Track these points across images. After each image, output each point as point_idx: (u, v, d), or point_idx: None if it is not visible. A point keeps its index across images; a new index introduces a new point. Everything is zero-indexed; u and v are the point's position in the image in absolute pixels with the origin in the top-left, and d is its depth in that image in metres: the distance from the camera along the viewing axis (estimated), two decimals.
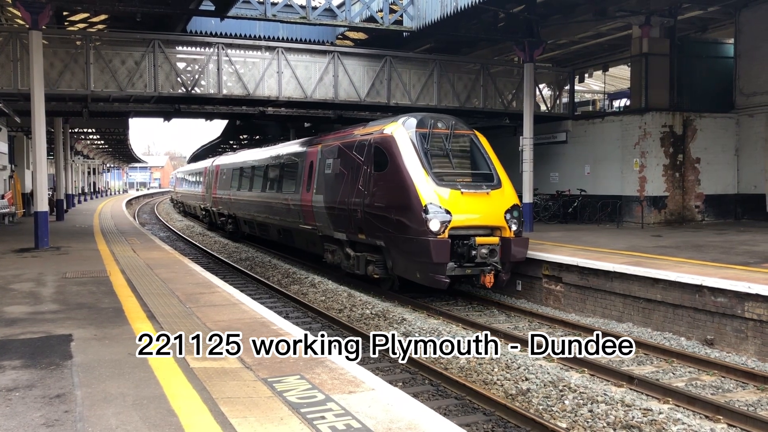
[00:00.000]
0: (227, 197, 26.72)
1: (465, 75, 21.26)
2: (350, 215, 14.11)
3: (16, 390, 5.24)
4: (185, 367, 5.83)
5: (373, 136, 13.84)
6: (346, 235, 14.59)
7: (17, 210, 28.11)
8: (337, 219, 14.96)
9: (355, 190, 13.98)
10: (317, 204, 16.07)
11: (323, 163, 16.10)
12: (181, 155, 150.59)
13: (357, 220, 13.80)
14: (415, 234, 12.00)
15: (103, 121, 34.96)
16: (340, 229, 14.87)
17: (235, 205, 25.45)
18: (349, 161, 14.51)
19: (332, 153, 15.65)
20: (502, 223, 12.48)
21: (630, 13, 20.67)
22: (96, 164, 69.63)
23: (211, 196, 30.42)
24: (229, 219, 26.97)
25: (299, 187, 17.63)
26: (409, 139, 12.87)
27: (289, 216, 18.57)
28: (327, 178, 15.70)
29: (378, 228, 13.06)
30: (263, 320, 7.92)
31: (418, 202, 12.00)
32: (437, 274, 11.92)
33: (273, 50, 18.96)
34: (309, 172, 16.99)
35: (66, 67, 16.94)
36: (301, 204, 17.25)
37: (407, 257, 12.46)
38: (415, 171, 12.38)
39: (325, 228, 15.86)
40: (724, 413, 6.89)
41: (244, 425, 4.46)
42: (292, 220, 18.31)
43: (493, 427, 6.90)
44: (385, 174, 13.04)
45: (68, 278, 11.27)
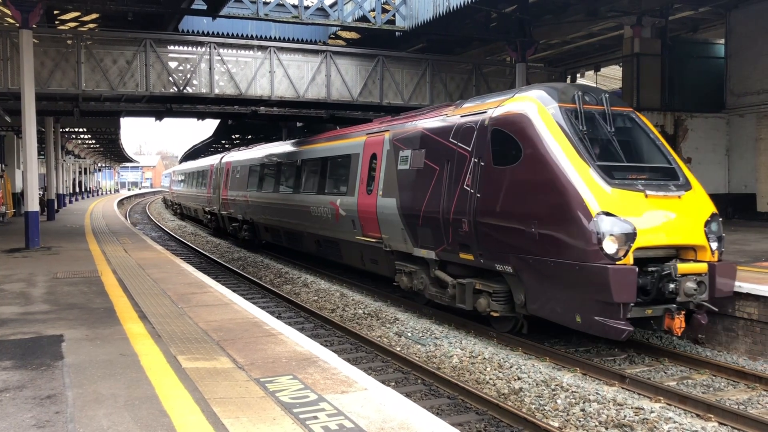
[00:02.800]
0: (242, 200, 23.00)
1: (457, 75, 21.30)
2: (445, 226, 10.58)
3: (6, 391, 5.21)
4: (177, 368, 5.81)
5: (487, 115, 10.07)
6: (435, 253, 11.07)
7: (7, 210, 27.95)
8: (420, 231, 11.42)
9: (455, 191, 10.38)
10: (385, 210, 12.56)
11: (394, 156, 12.51)
12: (172, 155, 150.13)
13: (459, 234, 10.24)
14: (577, 258, 8.28)
15: (95, 120, 34.85)
16: (425, 244, 11.35)
17: (254, 210, 21.78)
18: (443, 152, 10.89)
19: (411, 142, 12.02)
20: (701, 241, 8.79)
21: (622, 14, 20.74)
22: (87, 164, 69.32)
23: (219, 198, 26.76)
24: (245, 225, 23.24)
25: (354, 187, 14.10)
26: (552, 118, 9.16)
27: (335, 224, 15.04)
28: (402, 175, 12.13)
29: (501, 246, 9.43)
30: (255, 320, 7.90)
31: (581, 210, 8.28)
32: (613, 318, 8.04)
33: (265, 50, 18.93)
34: (369, 168, 13.53)
35: (57, 66, 16.86)
36: (358, 210, 13.71)
37: (560, 292, 8.65)
38: (570, 164, 8.64)
39: (397, 242, 12.36)
40: (715, 412, 6.92)
41: (236, 425, 4.45)
42: (341, 230, 14.80)
43: (486, 426, 6.91)
44: (515, 169, 9.30)
45: (59, 278, 11.22)
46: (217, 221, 28.45)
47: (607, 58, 27.42)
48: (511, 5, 19.03)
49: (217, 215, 28.03)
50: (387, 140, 12.99)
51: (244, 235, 23.22)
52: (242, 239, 23.71)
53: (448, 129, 10.98)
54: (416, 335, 10.44)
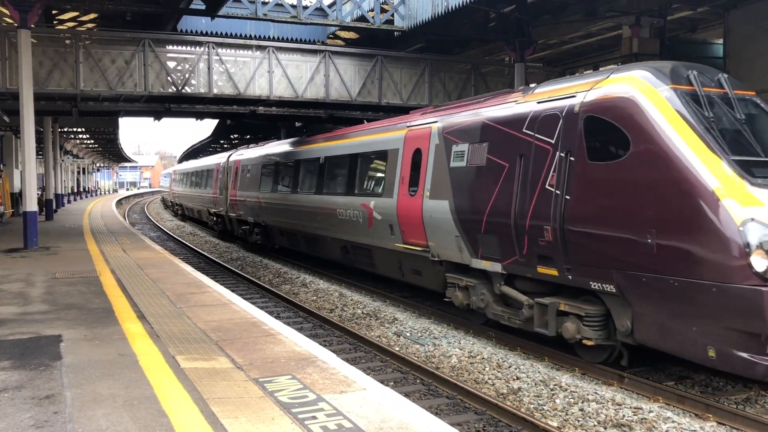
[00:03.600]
0: (254, 201, 21.42)
1: (456, 74, 21.32)
2: (518, 234, 8.95)
3: (5, 391, 5.21)
4: (176, 368, 5.81)
5: (577, 101, 8.38)
6: (502, 266, 9.43)
7: (6, 210, 27.92)
8: (482, 239, 9.77)
9: (533, 192, 8.74)
10: (434, 214, 10.97)
11: (445, 152, 10.87)
12: (171, 155, 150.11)
13: (538, 244, 8.62)
14: (714, 276, 6.73)
15: (93, 120, 34.82)
16: (489, 254, 9.70)
17: (268, 211, 20.17)
18: (514, 146, 9.23)
19: (468, 134, 10.34)
20: None
21: (620, 14, 20.75)
22: (86, 164, 69.29)
23: (227, 199, 25.15)
24: (256, 228, 21.69)
25: (392, 188, 12.53)
26: (667, 103, 7.60)
27: (367, 229, 13.44)
28: (457, 174, 10.46)
29: (600, 259, 7.81)
30: (254, 320, 7.90)
31: (720, 216, 6.74)
32: (762, 353, 6.61)
33: (264, 49, 18.93)
34: (412, 165, 11.94)
35: (55, 66, 16.85)
36: (399, 213, 12.13)
37: (685, 319, 7.10)
38: (699, 159, 7.10)
39: (449, 251, 10.74)
40: (714, 412, 6.93)
41: (235, 425, 4.45)
42: (374, 236, 13.20)
43: (485, 426, 6.92)
44: (622, 165, 7.67)
45: (58, 278, 11.21)
46: (223, 223, 26.88)
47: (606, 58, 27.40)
48: (510, 5, 19.03)
49: (224, 217, 26.39)
50: (435, 133, 11.26)
51: (255, 239, 21.74)
52: (253, 243, 22.26)
53: (521, 118, 9.24)
54: (415, 335, 10.44)
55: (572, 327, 8.27)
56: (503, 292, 9.64)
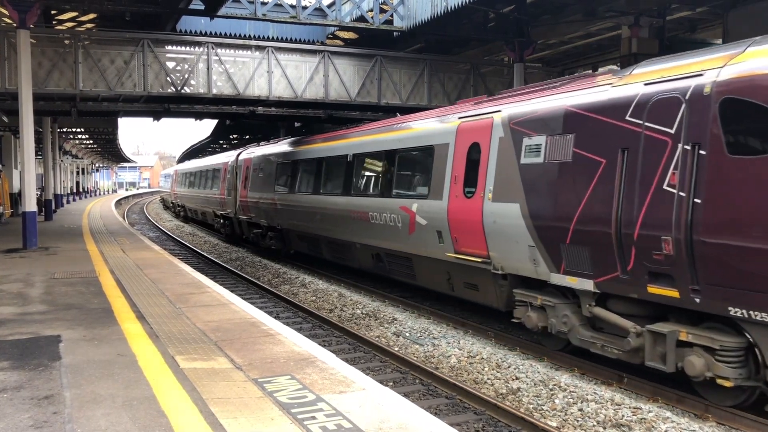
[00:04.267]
0: (268, 203, 19.91)
1: (455, 75, 21.33)
2: (622, 245, 7.46)
3: (4, 391, 5.20)
4: (175, 368, 5.81)
5: (706, 80, 6.90)
6: (595, 283, 7.96)
7: (5, 210, 27.90)
8: (568, 249, 8.27)
9: (644, 194, 7.28)
10: (499, 219, 9.41)
11: (513, 146, 9.33)
12: (170, 155, 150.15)
13: (651, 257, 7.16)
14: None
15: (92, 120, 34.81)
16: (577, 268, 8.22)
17: (283, 214, 18.71)
18: (613, 137, 7.77)
19: (545, 125, 8.82)
20: None
21: (619, 14, 20.75)
22: (85, 164, 69.28)
23: (236, 201, 23.71)
24: (270, 232, 20.19)
25: (440, 188, 11.02)
26: None
27: (407, 236, 11.97)
28: (531, 171, 8.93)
29: (747, 280, 6.33)
30: (253, 320, 7.90)
31: None
32: None
33: (263, 50, 18.93)
34: (468, 162, 10.41)
35: (54, 67, 16.85)
36: (450, 218, 10.61)
37: None
38: None
39: (517, 262, 9.24)
40: (713, 412, 6.93)
41: (234, 426, 4.45)
42: (416, 243, 11.72)
43: (484, 426, 6.92)
44: None
45: (57, 279, 11.20)
46: (232, 226, 25.32)
47: (605, 58, 27.41)
48: (509, 5, 19.04)
49: (232, 220, 24.85)
50: (498, 125, 9.70)
51: (269, 244, 20.22)
52: (266, 248, 20.81)
53: (622, 104, 7.73)
54: (414, 335, 10.44)
55: (700, 362, 6.72)
56: (595, 315, 8.09)
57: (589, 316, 8.27)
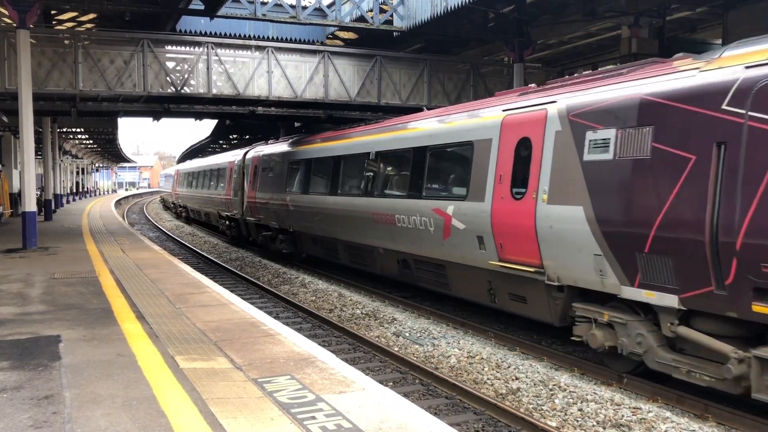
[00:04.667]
0: (278, 204, 18.84)
1: (455, 75, 21.34)
2: (719, 255, 6.49)
3: (3, 391, 5.20)
4: (175, 368, 5.81)
5: None
6: (681, 299, 6.93)
7: (5, 210, 27.90)
8: (646, 259, 7.25)
9: (752, 196, 6.30)
10: (556, 224, 8.39)
11: (574, 140, 8.28)
12: (170, 155, 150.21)
13: (760, 271, 6.17)
14: None
15: (92, 120, 34.82)
16: (657, 281, 7.18)
17: (296, 217, 17.65)
18: (707, 130, 6.78)
19: (614, 117, 7.78)
20: None
21: (619, 14, 20.76)
22: (85, 164, 69.28)
23: (242, 202, 22.70)
24: (281, 235, 19.14)
25: (482, 188, 9.92)
26: None
27: (440, 241, 10.92)
28: (597, 169, 7.89)
29: None
30: (253, 320, 7.90)
31: None
32: None
33: (263, 50, 18.93)
34: (515, 159, 9.32)
35: (54, 67, 16.85)
36: (494, 221, 9.52)
37: None
38: None
39: (580, 273, 8.16)
40: (713, 412, 6.93)
41: (234, 426, 4.45)
42: (452, 249, 10.65)
43: (484, 426, 6.92)
44: None
45: (57, 279, 11.20)
46: (238, 228, 24.35)
47: (605, 58, 27.42)
48: (509, 5, 19.05)
49: (238, 221, 23.83)
50: (554, 117, 8.65)
51: (279, 247, 19.14)
52: (275, 252, 19.74)
53: (717, 91, 6.70)
54: (414, 335, 10.44)
55: None
56: (680, 335, 7.07)
57: (672, 337, 7.20)
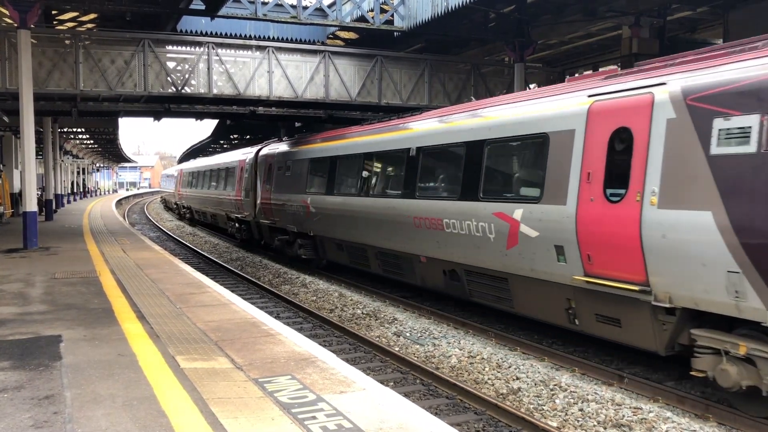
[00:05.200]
0: (297, 206, 17.37)
1: (456, 75, 21.34)
2: None
3: (4, 391, 5.20)
4: (175, 368, 5.81)
5: None
6: None
7: (6, 210, 27.91)
8: None
9: None
10: (673, 233, 7.00)
11: (695, 130, 6.92)
12: (171, 155, 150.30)
13: None
14: None
15: (93, 120, 34.83)
16: None
17: (320, 220, 16.07)
18: None
19: (752, 100, 6.46)
20: None
21: (620, 14, 20.75)
22: (85, 164, 69.30)
23: (254, 203, 21.40)
24: (300, 239, 17.62)
25: (560, 189, 8.57)
26: None
27: (502, 250, 9.55)
28: (732, 166, 6.57)
29: None
30: (254, 320, 7.90)
31: None
32: None
33: (264, 50, 18.93)
34: (609, 154, 7.92)
35: (55, 67, 16.85)
36: (580, 228, 8.14)
37: None
38: None
39: (703, 294, 6.81)
40: (714, 412, 6.93)
41: (234, 426, 4.45)
42: (517, 260, 9.30)
43: (484, 426, 6.92)
44: None
45: (57, 279, 11.20)
46: (249, 231, 22.93)
47: (606, 58, 27.41)
48: (510, 5, 19.04)
49: (250, 224, 22.51)
50: (665, 102, 7.25)
51: (298, 253, 17.59)
52: (293, 257, 18.26)
53: None
54: (415, 335, 10.44)
55: None
56: None
57: None
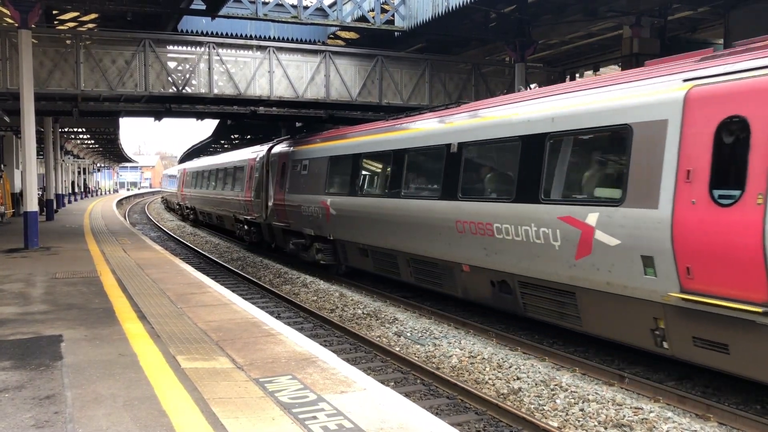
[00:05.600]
0: (315, 208, 16.11)
1: (456, 75, 21.34)
2: None
3: (5, 391, 5.21)
4: (176, 368, 5.81)
5: None
6: None
7: (7, 210, 27.92)
8: None
9: None
10: None
11: None
12: (172, 155, 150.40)
13: None
14: None
15: (94, 120, 34.86)
16: None
17: (342, 222, 14.92)
18: None
19: None
20: None
21: (620, 14, 20.75)
22: (86, 164, 69.33)
23: (265, 204, 20.27)
24: (318, 243, 16.30)
25: (652, 189, 7.41)
26: None
27: (568, 259, 8.47)
28: None
29: None
30: (255, 320, 7.90)
31: None
32: None
33: (264, 50, 18.94)
34: (715, 148, 6.82)
35: (56, 67, 16.86)
36: (678, 237, 7.05)
37: None
38: None
39: None
40: (715, 412, 6.93)
41: (235, 425, 4.45)
42: (589, 271, 8.21)
43: (485, 426, 6.91)
44: None
45: (58, 279, 11.21)
46: (259, 233, 21.56)
47: (607, 58, 27.42)
48: (510, 5, 19.04)
49: (260, 226, 21.25)
50: None
51: (316, 258, 16.34)
52: (310, 262, 17.07)
53: None
54: (415, 335, 10.44)
55: None
56: None
57: None
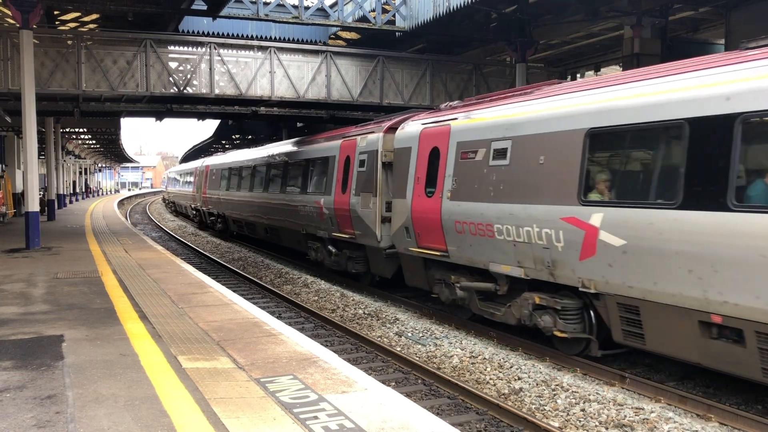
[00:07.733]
0: (545, 229, 8.63)
1: (457, 75, 21.34)
2: None
3: (6, 391, 5.21)
4: (177, 368, 5.82)
5: None
6: None
7: (8, 210, 27.95)
8: None
9: None
10: None
11: None
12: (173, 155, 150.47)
13: None
14: None
15: (95, 120, 34.88)
16: None
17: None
18: None
19: None
20: None
21: (621, 14, 20.74)
22: (87, 164, 69.36)
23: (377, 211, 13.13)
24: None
25: None
26: None
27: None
28: None
29: None
30: (256, 320, 7.90)
31: None
32: None
33: (265, 50, 18.95)
34: None
35: (57, 67, 16.88)
36: None
37: None
38: None
39: None
40: (715, 412, 6.92)
41: (236, 425, 4.45)
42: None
43: (486, 426, 6.92)
44: None
45: (59, 279, 11.22)
46: (363, 260, 14.47)
47: (608, 58, 27.41)
48: (511, 5, 19.04)
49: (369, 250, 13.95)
50: None
51: None
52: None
53: None
54: (416, 335, 10.44)
55: None
56: None
57: None
